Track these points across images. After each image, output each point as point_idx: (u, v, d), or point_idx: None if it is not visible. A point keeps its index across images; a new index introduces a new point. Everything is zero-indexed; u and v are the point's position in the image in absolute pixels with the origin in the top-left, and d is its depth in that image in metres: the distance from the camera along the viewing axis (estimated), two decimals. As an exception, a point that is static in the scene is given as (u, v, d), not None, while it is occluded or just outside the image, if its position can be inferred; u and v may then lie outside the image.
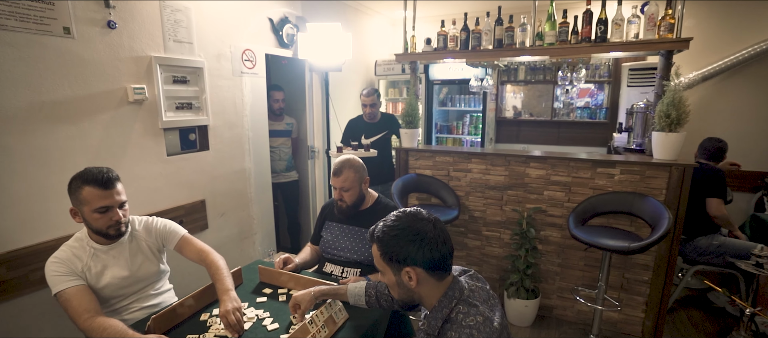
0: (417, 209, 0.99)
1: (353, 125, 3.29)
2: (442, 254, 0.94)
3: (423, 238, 0.93)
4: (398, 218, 0.97)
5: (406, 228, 0.94)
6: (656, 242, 1.95)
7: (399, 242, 0.94)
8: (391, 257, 0.95)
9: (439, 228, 0.96)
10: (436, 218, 0.98)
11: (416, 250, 0.92)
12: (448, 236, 0.97)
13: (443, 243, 0.95)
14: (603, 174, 2.44)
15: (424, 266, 0.93)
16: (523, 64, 3.97)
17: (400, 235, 0.94)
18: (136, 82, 1.99)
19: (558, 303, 2.73)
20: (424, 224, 0.95)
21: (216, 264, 1.56)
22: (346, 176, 1.69)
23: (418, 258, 0.92)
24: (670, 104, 2.23)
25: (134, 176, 2.04)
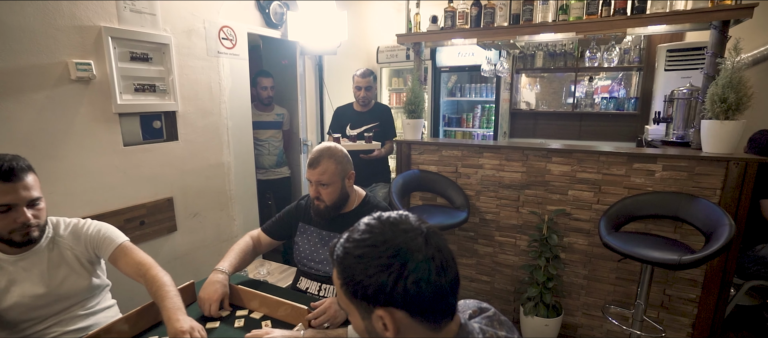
0: (401, 215, 0.63)
1: (341, 113, 2.81)
2: (437, 289, 0.58)
3: (405, 262, 0.56)
4: (369, 228, 0.61)
5: (380, 245, 0.58)
6: (715, 255, 1.55)
7: (367, 267, 0.57)
8: (356, 291, 0.59)
9: (434, 245, 0.59)
10: (430, 228, 0.62)
11: (394, 282, 0.56)
12: (449, 258, 0.61)
13: (441, 271, 0.58)
14: (641, 171, 2.04)
15: (407, 308, 0.57)
16: (541, 50, 3.57)
17: (370, 256, 0.58)
18: (80, 57, 1.67)
19: (584, 322, 2.34)
20: (409, 239, 0.58)
21: (160, 279, 1.22)
22: (325, 168, 1.33)
23: (398, 295, 0.56)
24: (726, 86, 1.83)
25: (80, 169, 1.72)
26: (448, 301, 0.59)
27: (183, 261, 2.19)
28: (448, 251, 0.61)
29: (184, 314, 1.12)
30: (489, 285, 2.56)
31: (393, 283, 0.55)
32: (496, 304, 2.56)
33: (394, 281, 0.55)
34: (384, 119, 2.77)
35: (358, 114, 2.75)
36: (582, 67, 3.43)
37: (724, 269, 1.91)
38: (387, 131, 2.76)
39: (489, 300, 2.58)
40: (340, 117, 2.78)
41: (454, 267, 0.61)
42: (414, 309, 0.57)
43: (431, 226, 0.62)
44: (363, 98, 2.69)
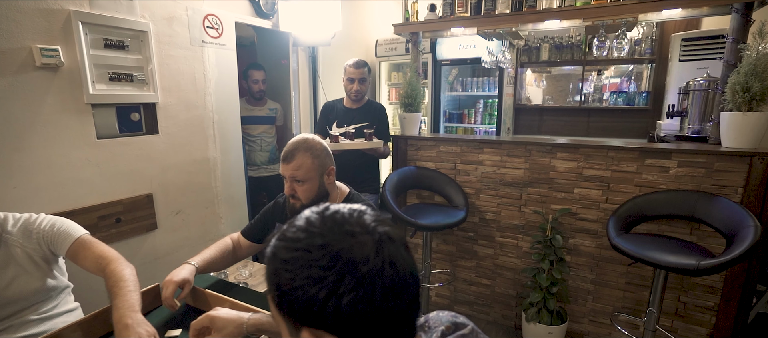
0: (354, 211, 0.49)
1: (328, 109, 2.47)
2: (383, 314, 0.43)
3: (343, 275, 0.42)
4: (306, 225, 0.47)
5: (313, 250, 0.44)
6: (741, 259, 1.39)
7: (294, 276, 0.44)
8: (281, 302, 0.46)
9: (387, 256, 0.44)
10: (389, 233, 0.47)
11: (325, 299, 0.42)
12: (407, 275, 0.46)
13: (390, 293, 0.43)
14: (653, 167, 1.88)
15: (340, 333, 0.43)
16: (546, 42, 3.41)
17: (299, 262, 0.44)
18: (46, 42, 1.55)
19: (590, 330, 2.18)
20: (354, 244, 0.44)
21: (119, 273, 1.09)
22: (300, 163, 1.20)
23: (329, 315, 0.42)
24: (750, 74, 1.66)
25: (49, 162, 1.62)
26: (400, 329, 0.45)
27: (165, 260, 2.08)
28: (407, 266, 0.46)
29: (137, 314, 0.98)
30: (489, 289, 2.41)
31: (324, 300, 0.42)
32: (497, 309, 2.41)
33: (326, 298, 0.42)
34: (377, 118, 2.40)
35: (346, 111, 2.41)
36: (590, 59, 3.26)
37: (746, 274, 1.75)
38: (381, 132, 2.37)
39: (489, 305, 2.44)
40: (328, 113, 2.44)
41: (413, 287, 0.46)
42: (349, 335, 0.43)
43: (392, 230, 0.48)
44: (356, 93, 2.35)
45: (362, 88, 2.36)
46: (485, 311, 2.46)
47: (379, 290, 0.42)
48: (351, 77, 2.34)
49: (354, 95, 2.37)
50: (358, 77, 2.34)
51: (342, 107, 2.43)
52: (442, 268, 2.54)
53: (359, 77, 2.34)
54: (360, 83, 2.35)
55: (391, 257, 0.44)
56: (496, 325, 2.40)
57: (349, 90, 2.38)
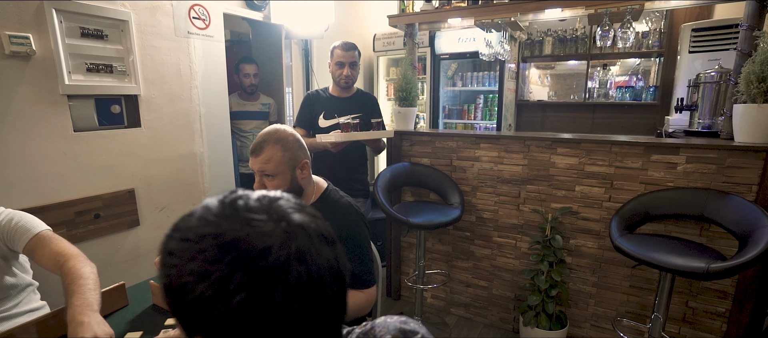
0: (264, 198, 0.40)
1: (312, 100, 2.10)
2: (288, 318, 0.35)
3: (235, 269, 0.34)
4: (203, 211, 0.38)
5: (201, 239, 0.36)
6: (755, 262, 1.28)
7: (180, 270, 0.35)
8: (170, 302, 0.37)
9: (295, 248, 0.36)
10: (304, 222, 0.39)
11: (213, 299, 0.33)
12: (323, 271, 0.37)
13: (297, 292, 0.35)
14: (660, 163, 1.77)
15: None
16: (549, 35, 3.28)
17: (186, 253, 0.35)
18: (16, 29, 1.49)
19: (592, 335, 2.06)
20: (254, 233, 0.35)
21: (77, 270, 1.01)
22: (269, 156, 1.11)
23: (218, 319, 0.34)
24: (766, 63, 1.55)
25: (20, 155, 1.55)
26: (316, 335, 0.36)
27: (148, 258, 2.02)
28: (324, 263, 0.37)
29: (95, 313, 0.90)
30: (487, 291, 2.31)
31: (210, 301, 0.33)
32: (495, 312, 2.31)
33: (212, 297, 0.33)
34: (370, 108, 2.17)
35: (334, 100, 2.09)
36: (595, 53, 3.13)
37: (761, 279, 1.62)
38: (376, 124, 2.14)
39: (486, 308, 2.33)
40: (312, 105, 2.09)
41: (331, 288, 0.37)
42: None
43: (310, 220, 0.39)
44: (346, 79, 2.04)
45: (353, 73, 2.06)
46: (482, 314, 2.36)
47: (280, 290, 0.33)
48: (340, 61, 2.03)
49: (344, 82, 2.06)
50: (348, 61, 2.03)
51: (329, 97, 2.11)
52: (438, 269, 2.44)
53: (350, 61, 2.03)
54: (351, 68, 2.04)
55: (300, 250, 0.36)
56: (493, 329, 2.30)
57: (338, 76, 2.05)
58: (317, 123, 2.06)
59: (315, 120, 2.04)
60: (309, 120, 2.09)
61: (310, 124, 2.05)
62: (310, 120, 2.08)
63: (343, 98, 2.12)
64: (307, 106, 2.11)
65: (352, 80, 2.09)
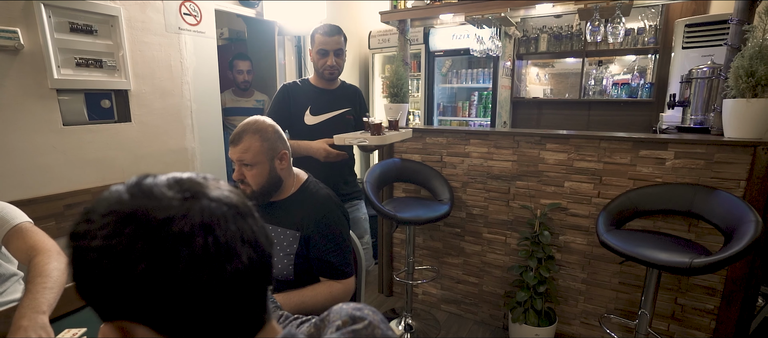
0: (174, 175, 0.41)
1: (291, 92, 1.78)
2: (200, 291, 0.35)
3: (137, 242, 0.34)
4: (109, 193, 0.39)
5: (111, 213, 0.36)
6: (737, 257, 1.26)
7: (85, 249, 0.35)
8: (79, 288, 0.37)
9: (202, 214, 0.36)
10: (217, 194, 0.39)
11: (118, 273, 0.34)
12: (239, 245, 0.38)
13: (208, 261, 0.35)
14: (649, 159, 1.75)
15: (148, 320, 0.35)
16: (544, 32, 3.27)
17: (92, 231, 0.36)
18: (4, 23, 1.51)
19: (581, 332, 2.05)
20: (157, 204, 0.36)
21: (41, 267, 1.01)
22: (248, 146, 1.12)
23: (127, 297, 0.34)
24: (755, 57, 1.53)
25: (7, 148, 1.57)
26: (228, 310, 0.37)
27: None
28: (234, 233, 0.38)
29: (39, 315, 0.87)
30: (477, 288, 2.30)
31: (118, 273, 0.33)
32: (485, 309, 2.30)
33: (119, 270, 0.33)
34: (358, 102, 1.94)
35: (321, 93, 1.80)
36: (591, 50, 3.11)
37: (749, 275, 1.61)
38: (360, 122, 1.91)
39: (477, 305, 2.32)
40: (290, 98, 1.77)
41: (244, 256, 0.37)
42: (158, 322, 0.35)
43: (219, 193, 0.39)
44: (330, 69, 1.74)
45: (339, 62, 1.76)
46: (473, 310, 2.35)
47: (184, 259, 0.33)
48: (322, 48, 1.71)
49: (328, 73, 1.75)
50: (332, 48, 1.71)
51: (313, 89, 1.81)
52: (428, 265, 2.44)
53: (334, 48, 1.72)
54: (336, 56, 1.73)
55: (207, 220, 0.36)
56: (483, 325, 2.29)
57: (322, 66, 1.74)
58: (302, 120, 1.75)
59: (295, 116, 1.75)
60: (286, 116, 1.74)
61: (287, 121, 1.73)
62: (288, 116, 1.75)
63: (330, 91, 1.83)
64: (283, 100, 1.77)
65: (338, 71, 1.78)
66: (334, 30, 1.73)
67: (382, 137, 1.62)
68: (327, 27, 1.72)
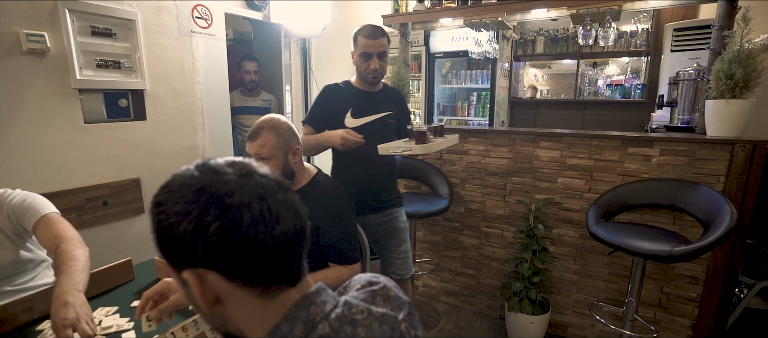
0: (231, 161, 0.51)
1: (333, 94, 1.70)
2: (254, 242, 0.45)
3: (208, 206, 0.44)
4: (181, 172, 0.49)
5: (186, 186, 0.46)
6: (712, 246, 1.37)
7: (167, 214, 0.46)
8: (162, 248, 0.48)
9: (254, 190, 0.47)
10: (263, 171, 0.50)
11: (194, 233, 0.44)
12: (281, 209, 0.48)
13: (261, 221, 0.46)
14: (636, 156, 1.86)
15: (217, 266, 0.46)
16: (541, 35, 3.38)
17: (171, 201, 0.46)
18: (32, 28, 1.61)
19: (574, 321, 2.16)
20: (218, 180, 0.46)
21: (69, 252, 1.11)
22: (265, 141, 1.23)
23: (201, 248, 0.44)
24: (733, 61, 1.64)
25: (34, 145, 1.67)
26: (276, 262, 0.47)
27: (151, 245, 2.11)
28: (282, 202, 0.48)
29: (79, 293, 0.98)
30: (475, 280, 2.41)
31: (193, 233, 0.44)
32: (483, 300, 2.41)
33: (194, 231, 0.44)
34: (401, 106, 1.83)
35: (364, 96, 1.70)
36: (586, 52, 3.22)
37: (729, 264, 1.71)
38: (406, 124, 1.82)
39: (475, 296, 2.43)
40: (331, 100, 1.69)
41: (288, 220, 0.48)
42: (226, 269, 0.45)
43: (268, 171, 0.50)
44: (374, 73, 1.64)
45: (383, 65, 1.66)
46: (471, 302, 2.46)
47: (246, 220, 0.44)
48: (366, 51, 1.61)
49: (372, 77, 1.65)
50: (376, 51, 1.61)
51: (355, 91, 1.71)
52: (429, 258, 2.55)
53: (378, 51, 1.62)
54: (379, 59, 1.63)
55: (260, 191, 0.47)
56: (481, 316, 2.40)
57: (364, 70, 1.64)
58: (342, 122, 1.66)
59: (336, 118, 1.66)
60: (325, 118, 1.67)
61: (326, 123, 1.66)
62: (327, 118, 1.67)
63: (372, 93, 1.72)
64: (323, 101, 1.70)
65: (381, 74, 1.68)
66: (378, 32, 1.62)
67: (428, 145, 1.52)
68: (370, 29, 1.62)
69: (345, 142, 1.52)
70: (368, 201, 1.70)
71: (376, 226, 1.74)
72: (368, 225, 1.71)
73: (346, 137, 1.52)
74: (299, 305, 0.50)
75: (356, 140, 1.53)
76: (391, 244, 1.78)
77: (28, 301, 1.09)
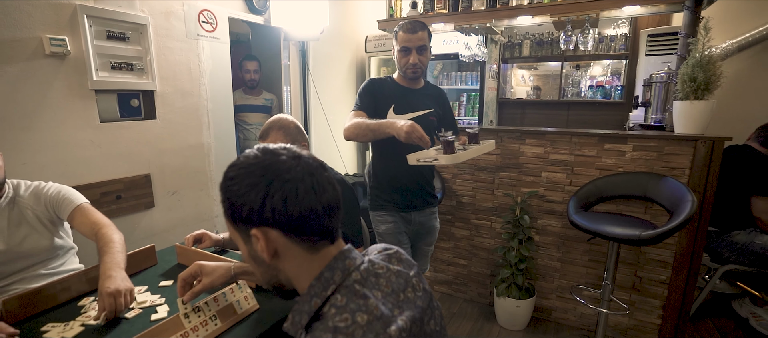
0: (286, 146, 0.66)
1: (378, 87, 1.66)
2: (307, 208, 0.60)
3: (273, 180, 0.59)
4: (246, 155, 0.64)
5: (252, 166, 0.61)
6: (675, 230, 1.55)
7: (239, 187, 0.60)
8: (233, 214, 0.62)
9: (305, 168, 0.62)
10: (308, 156, 0.65)
11: (262, 200, 0.59)
12: (325, 183, 0.63)
13: (310, 192, 0.61)
14: (612, 152, 2.04)
15: (278, 226, 0.60)
16: (527, 38, 3.57)
17: (242, 177, 0.61)
18: (54, 33, 1.72)
19: (557, 305, 2.34)
20: (280, 160, 0.61)
21: (108, 236, 1.26)
22: (274, 138, 1.37)
23: (268, 212, 0.59)
24: (696, 66, 1.83)
25: (54, 142, 1.78)
26: (322, 222, 0.62)
27: (161, 237, 2.25)
28: (325, 178, 0.63)
29: (119, 270, 1.13)
30: (466, 269, 2.57)
31: (262, 201, 0.59)
32: (473, 288, 2.57)
33: (263, 199, 0.58)
34: (442, 104, 1.79)
35: (405, 92, 1.67)
36: (569, 55, 3.42)
37: (693, 249, 1.90)
38: (449, 122, 1.81)
39: (466, 284, 2.59)
40: (376, 93, 1.64)
41: (330, 192, 0.63)
42: (285, 227, 0.60)
43: (311, 154, 0.66)
44: (413, 68, 1.61)
45: (423, 60, 1.62)
46: (462, 290, 2.62)
47: (301, 190, 0.59)
48: (405, 46, 1.59)
49: (411, 72, 1.63)
50: (415, 45, 1.58)
51: (398, 87, 1.68)
52: (423, 249, 2.70)
53: (418, 45, 1.58)
54: (419, 53, 1.60)
55: (310, 169, 0.62)
56: (472, 303, 2.56)
57: (404, 65, 1.62)
58: (385, 117, 1.62)
59: (380, 111, 1.63)
60: (373, 106, 1.63)
61: (373, 111, 1.62)
62: (374, 107, 1.63)
63: (415, 90, 1.70)
64: (370, 93, 1.65)
65: (422, 69, 1.64)
66: (418, 26, 1.59)
67: (456, 155, 1.43)
68: (409, 24, 1.59)
69: (410, 133, 1.35)
70: (414, 199, 1.72)
71: (419, 224, 1.76)
72: (412, 222, 1.74)
73: (414, 128, 1.35)
74: (337, 257, 0.65)
75: (422, 136, 1.35)
76: (423, 243, 1.84)
77: (66, 282, 1.20)
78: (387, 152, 1.69)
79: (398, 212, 1.71)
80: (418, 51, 1.60)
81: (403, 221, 1.73)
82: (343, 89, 3.72)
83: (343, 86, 3.73)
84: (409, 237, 1.77)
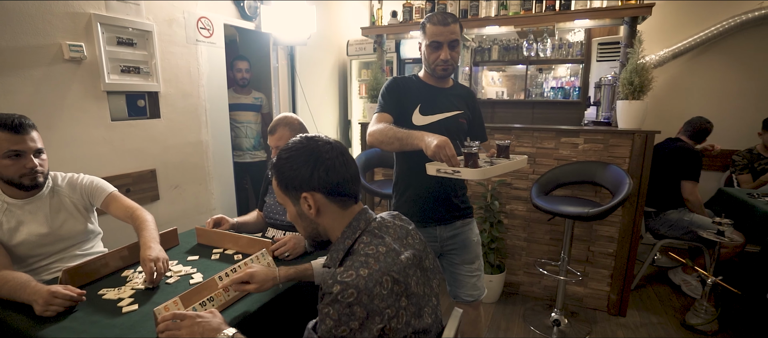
0: (316, 134, 0.93)
1: (403, 87, 1.49)
2: (342, 177, 0.87)
3: (318, 158, 0.86)
4: (293, 142, 0.91)
5: (301, 149, 0.88)
6: (616, 206, 1.90)
7: (293, 164, 0.87)
8: (287, 184, 0.88)
9: (337, 150, 0.89)
10: (336, 142, 0.92)
11: (311, 172, 0.85)
12: (350, 159, 0.91)
13: (343, 166, 0.88)
14: (567, 144, 2.39)
15: (322, 190, 0.87)
16: (496, 44, 3.92)
17: (294, 157, 0.87)
18: (72, 39, 1.88)
19: (524, 279, 2.67)
20: (320, 145, 0.88)
21: (143, 217, 1.49)
22: (281, 135, 1.61)
23: (315, 181, 0.86)
24: (633, 72, 2.19)
25: (72, 139, 1.94)
26: (350, 188, 0.89)
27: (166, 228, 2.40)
28: (350, 157, 0.91)
29: (156, 243, 1.37)
30: (445, 251, 2.87)
31: (311, 172, 0.85)
32: (451, 268, 2.87)
33: (311, 172, 0.85)
34: (471, 105, 1.60)
35: (433, 92, 1.51)
36: (533, 59, 3.79)
37: (633, 224, 2.27)
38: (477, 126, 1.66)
39: (445, 265, 2.89)
40: (400, 93, 1.48)
41: (354, 166, 0.91)
42: (327, 191, 0.86)
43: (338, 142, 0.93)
44: (443, 64, 1.44)
45: (454, 56, 1.44)
46: (441, 270, 2.91)
47: (338, 164, 0.86)
48: (436, 40, 1.41)
49: (441, 69, 1.45)
50: (447, 39, 1.40)
51: (424, 86, 1.51)
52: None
53: (449, 39, 1.41)
54: (450, 49, 1.42)
55: (340, 150, 0.89)
56: (450, 281, 2.86)
57: (433, 61, 1.44)
58: (410, 119, 1.46)
59: (405, 113, 1.47)
60: (396, 107, 1.46)
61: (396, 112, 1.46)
62: (398, 108, 1.47)
63: (442, 89, 1.53)
64: (393, 93, 1.48)
65: (452, 66, 1.46)
66: (450, 18, 1.41)
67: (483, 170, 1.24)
68: (440, 15, 1.42)
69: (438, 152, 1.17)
70: (439, 211, 1.51)
71: (447, 239, 1.55)
72: (439, 238, 1.54)
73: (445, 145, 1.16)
74: (360, 213, 0.91)
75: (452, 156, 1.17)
76: (462, 260, 1.57)
77: (104, 259, 1.40)
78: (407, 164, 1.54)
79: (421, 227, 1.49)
80: (449, 46, 1.41)
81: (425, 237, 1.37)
82: (326, 89, 3.95)
83: (327, 86, 3.96)
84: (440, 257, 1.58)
